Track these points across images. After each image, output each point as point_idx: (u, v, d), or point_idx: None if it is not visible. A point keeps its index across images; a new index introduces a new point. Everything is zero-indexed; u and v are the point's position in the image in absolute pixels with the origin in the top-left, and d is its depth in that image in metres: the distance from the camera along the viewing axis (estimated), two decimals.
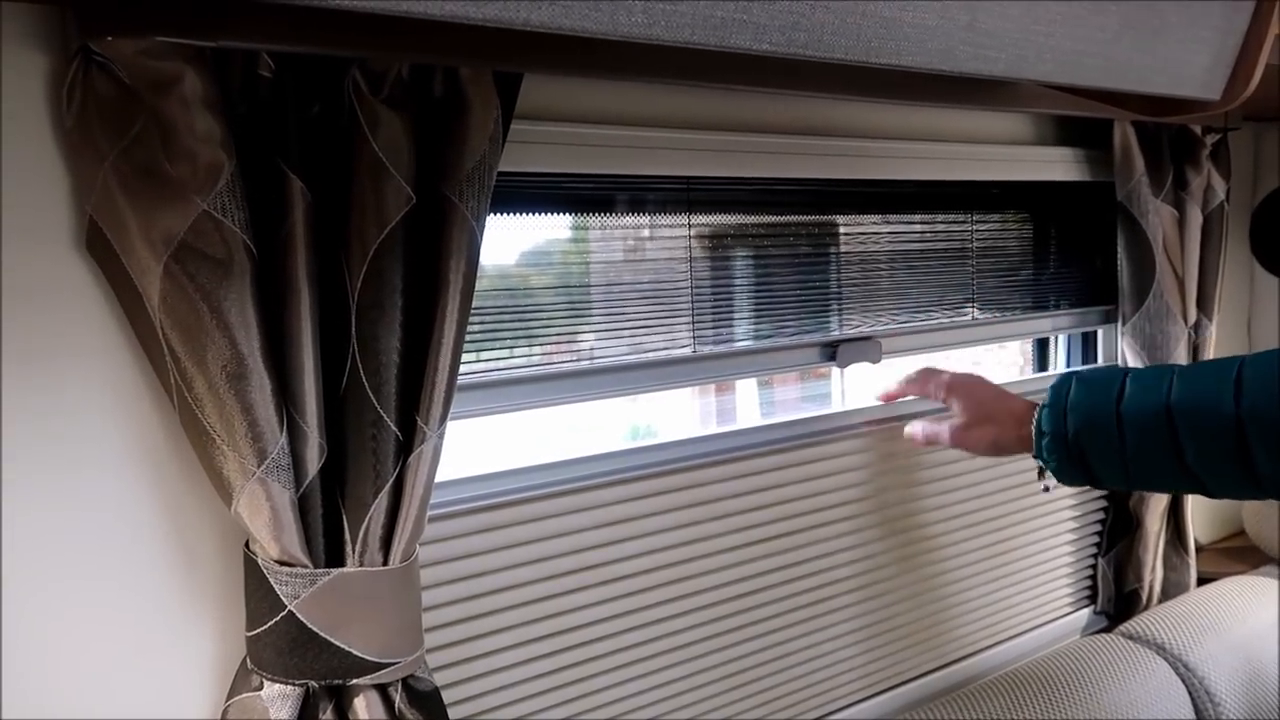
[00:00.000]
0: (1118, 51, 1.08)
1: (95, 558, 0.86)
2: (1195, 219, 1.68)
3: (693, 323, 1.24)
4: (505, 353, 1.09)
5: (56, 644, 0.84)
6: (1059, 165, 1.63)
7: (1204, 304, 1.71)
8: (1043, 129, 1.63)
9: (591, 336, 1.16)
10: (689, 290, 1.24)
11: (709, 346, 1.26)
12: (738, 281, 1.30)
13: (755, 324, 1.31)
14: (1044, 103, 1.39)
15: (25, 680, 0.82)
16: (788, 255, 1.34)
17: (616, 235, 1.18)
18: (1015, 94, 1.34)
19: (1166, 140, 1.65)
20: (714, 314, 1.27)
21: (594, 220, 1.16)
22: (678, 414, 1.68)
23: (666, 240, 1.22)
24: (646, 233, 1.21)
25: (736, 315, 1.29)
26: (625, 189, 1.18)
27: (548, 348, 1.13)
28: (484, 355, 1.08)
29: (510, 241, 1.10)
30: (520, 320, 1.10)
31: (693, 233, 1.24)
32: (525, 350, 1.11)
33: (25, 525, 0.82)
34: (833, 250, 1.40)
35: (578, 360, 1.15)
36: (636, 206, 1.20)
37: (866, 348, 1.41)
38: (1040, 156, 1.61)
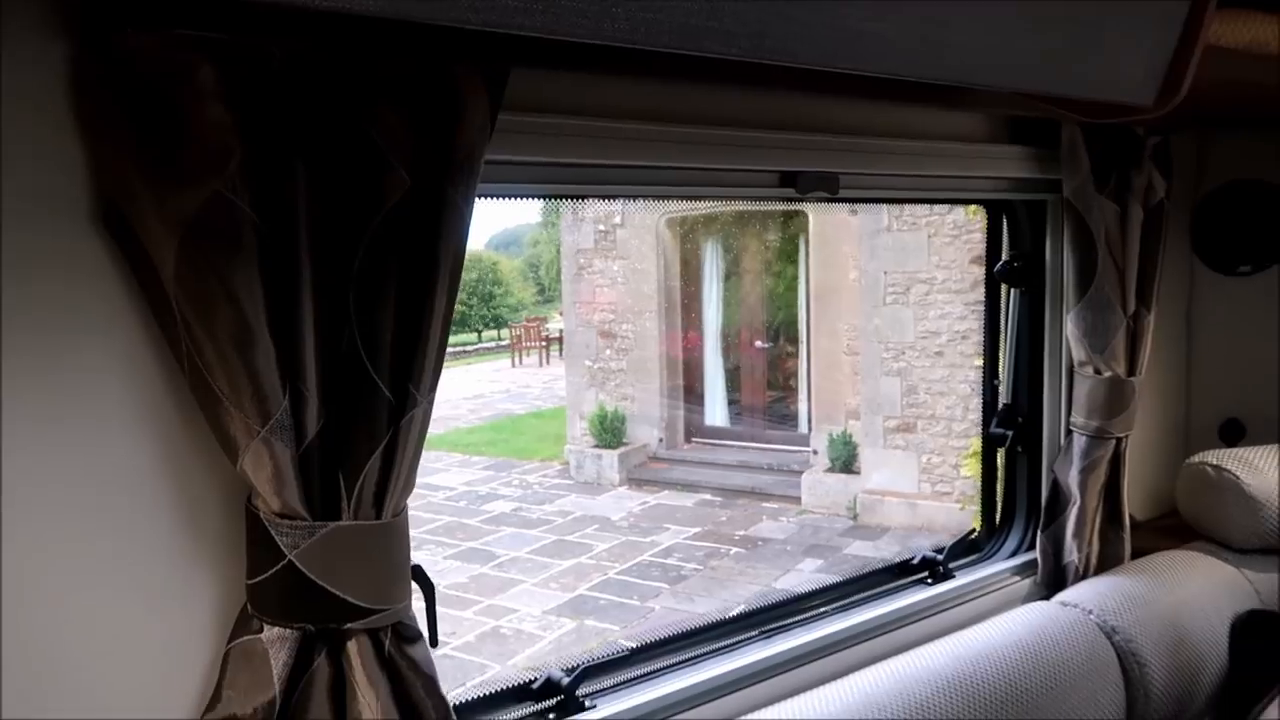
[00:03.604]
0: (1060, 61, 1.17)
1: (106, 511, 0.92)
2: (1136, 216, 1.78)
3: None
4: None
5: (67, 590, 0.91)
6: (1011, 162, 1.73)
7: (1143, 295, 1.82)
8: (996, 128, 1.73)
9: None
10: None
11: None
12: None
13: None
14: (995, 103, 1.49)
15: (37, 622, 0.89)
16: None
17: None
18: (969, 94, 1.43)
19: (1112, 141, 1.75)
20: None
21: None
22: None
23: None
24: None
25: None
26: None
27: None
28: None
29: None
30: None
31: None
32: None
33: (41, 480, 0.88)
34: None
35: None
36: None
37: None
38: (994, 154, 1.71)
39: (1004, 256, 1.94)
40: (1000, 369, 1.99)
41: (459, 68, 0.95)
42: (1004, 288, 1.96)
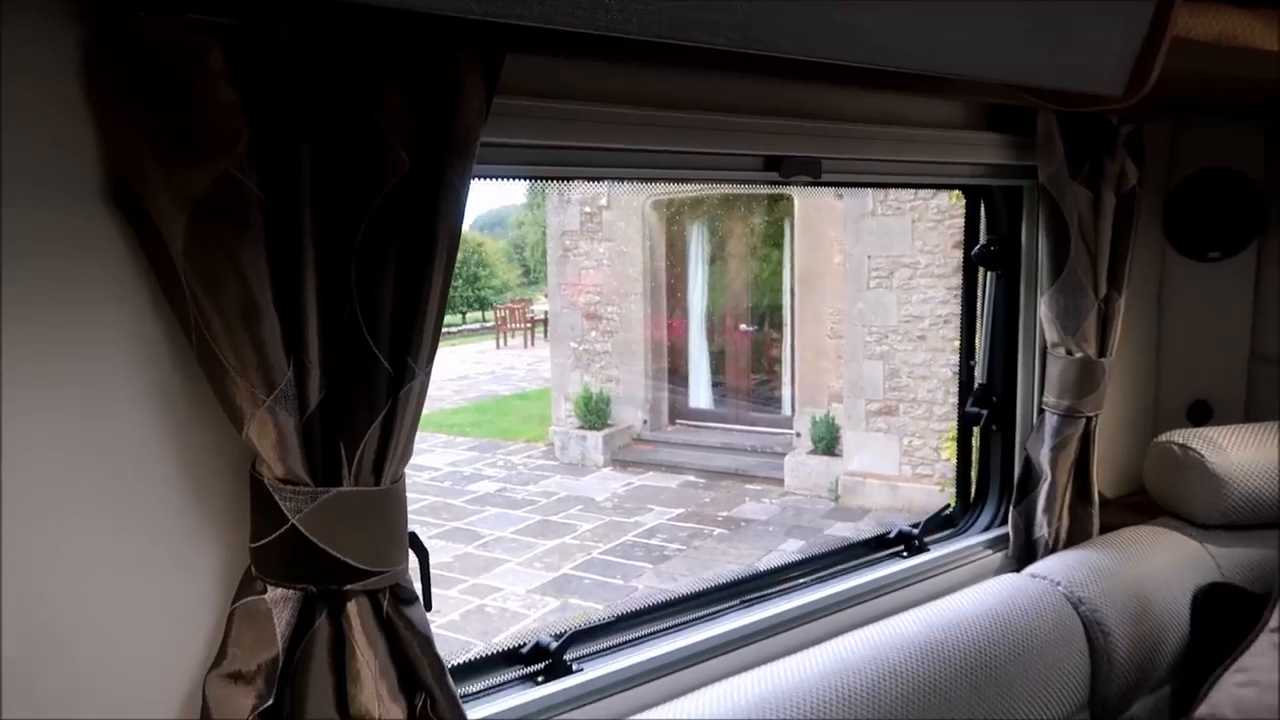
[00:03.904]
0: (1033, 52, 1.22)
1: (115, 476, 0.96)
2: (1109, 202, 1.83)
3: None
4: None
5: (78, 553, 0.95)
6: (988, 149, 1.78)
7: (1114, 279, 1.87)
8: (974, 115, 1.77)
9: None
10: None
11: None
12: None
13: None
14: (973, 91, 1.53)
15: (48, 584, 0.94)
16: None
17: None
18: (947, 82, 1.48)
19: (1086, 129, 1.80)
20: None
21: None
22: None
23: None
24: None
25: None
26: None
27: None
28: None
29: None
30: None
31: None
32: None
33: (52, 447, 0.92)
34: None
35: None
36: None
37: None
38: (972, 140, 1.76)
39: (981, 240, 2.00)
40: (976, 350, 2.05)
41: (458, 53, 0.99)
42: (981, 271, 2.02)
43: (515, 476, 9.75)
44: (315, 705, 1.04)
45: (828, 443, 9.20)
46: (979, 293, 2.04)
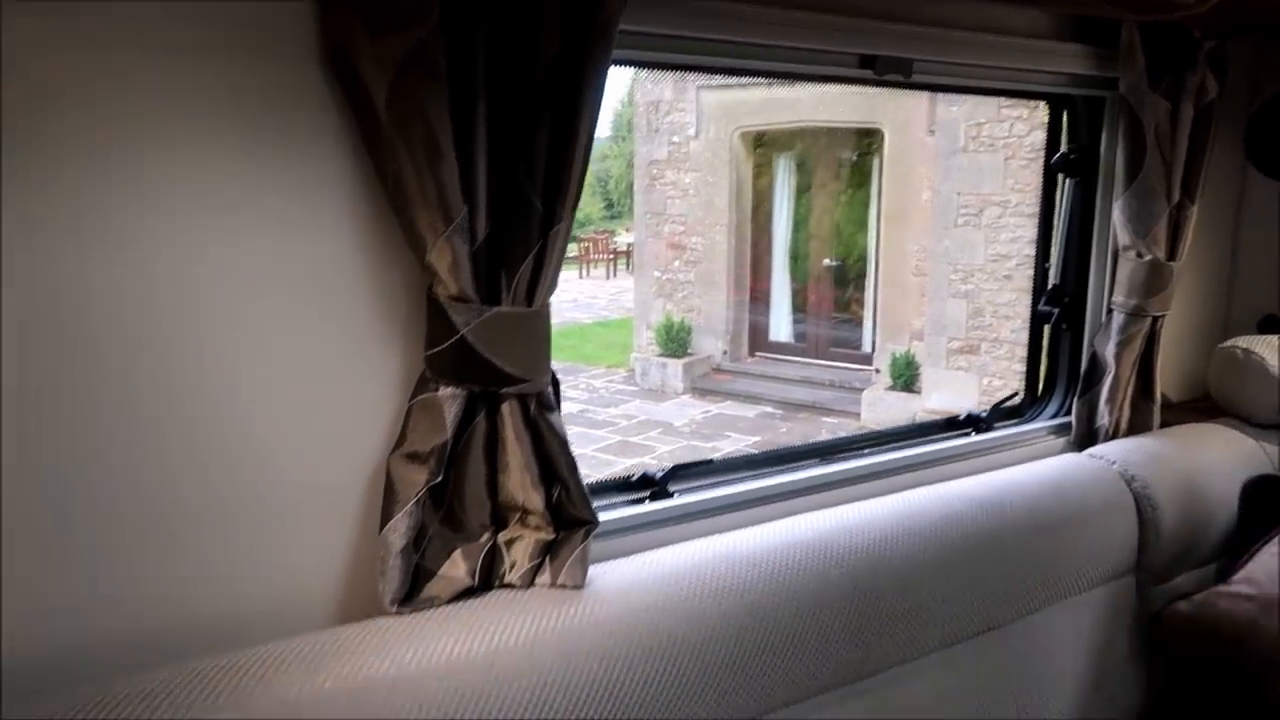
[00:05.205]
0: None
1: (322, 293, 1.20)
2: (1187, 114, 1.94)
3: None
4: None
5: (292, 351, 1.19)
6: (1072, 59, 1.90)
7: (1187, 188, 1.98)
8: (1060, 26, 1.89)
9: None
10: None
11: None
12: None
13: None
14: (1057, 1, 1.66)
15: (267, 378, 1.18)
16: None
17: None
18: None
19: (1168, 42, 1.90)
20: None
21: None
22: None
23: None
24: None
25: None
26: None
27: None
28: None
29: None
30: None
31: None
32: None
33: (274, 264, 1.16)
34: None
35: None
36: None
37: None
38: (1057, 50, 1.88)
39: (1062, 149, 2.12)
40: (1051, 253, 2.18)
41: None
42: (1060, 178, 2.15)
43: (597, 399, 10.06)
44: (472, 486, 1.28)
45: (907, 379, 9.27)
46: (1057, 200, 2.17)
